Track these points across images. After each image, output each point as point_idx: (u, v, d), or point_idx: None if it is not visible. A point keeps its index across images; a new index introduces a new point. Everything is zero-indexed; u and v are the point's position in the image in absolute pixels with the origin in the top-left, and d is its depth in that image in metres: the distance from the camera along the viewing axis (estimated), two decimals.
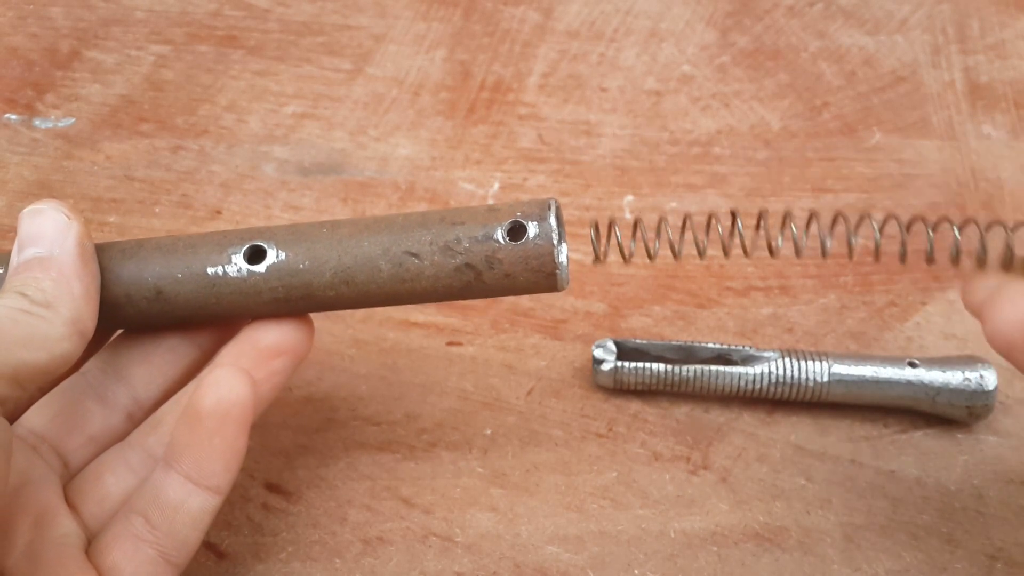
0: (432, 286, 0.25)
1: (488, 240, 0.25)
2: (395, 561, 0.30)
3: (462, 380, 0.34)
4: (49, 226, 0.25)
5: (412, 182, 0.40)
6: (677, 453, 0.32)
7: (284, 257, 0.25)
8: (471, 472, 0.32)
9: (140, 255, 0.26)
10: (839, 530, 0.30)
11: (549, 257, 0.24)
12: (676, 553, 0.30)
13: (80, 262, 0.25)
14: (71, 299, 0.24)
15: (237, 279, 0.25)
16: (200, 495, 0.26)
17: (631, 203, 0.39)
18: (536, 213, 0.25)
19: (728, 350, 0.33)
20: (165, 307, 0.26)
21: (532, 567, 0.30)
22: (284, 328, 0.27)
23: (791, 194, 0.40)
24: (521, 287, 0.25)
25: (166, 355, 0.28)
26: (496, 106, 0.43)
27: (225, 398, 0.25)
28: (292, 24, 0.47)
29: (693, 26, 0.46)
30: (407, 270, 0.25)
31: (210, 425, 0.25)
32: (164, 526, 0.25)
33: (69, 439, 0.27)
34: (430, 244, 0.25)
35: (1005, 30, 0.46)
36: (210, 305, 0.26)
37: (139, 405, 0.28)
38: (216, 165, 0.41)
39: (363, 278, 0.25)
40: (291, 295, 0.26)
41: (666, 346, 0.33)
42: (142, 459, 0.27)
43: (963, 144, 0.41)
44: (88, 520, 0.26)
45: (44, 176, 0.41)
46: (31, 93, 0.44)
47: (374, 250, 0.25)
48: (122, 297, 0.26)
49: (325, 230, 0.26)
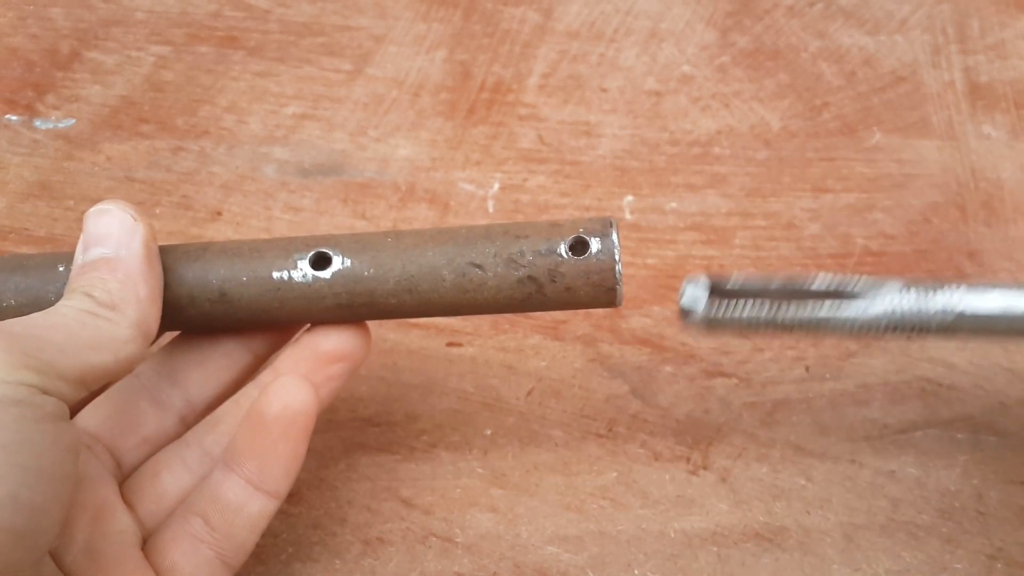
0: (493, 297, 0.26)
1: (551, 254, 0.25)
2: (395, 562, 0.30)
3: (462, 381, 0.34)
4: (116, 226, 0.25)
5: (412, 183, 0.40)
6: (677, 453, 0.32)
7: (349, 264, 0.26)
8: (471, 473, 0.32)
9: (205, 258, 0.26)
10: (839, 530, 0.30)
11: (610, 272, 0.25)
12: (676, 553, 0.30)
13: (146, 264, 0.25)
14: (137, 301, 0.24)
15: (302, 284, 0.26)
16: (260, 499, 0.26)
17: (631, 203, 0.39)
18: (598, 229, 0.25)
19: (843, 282, 0.28)
20: (228, 309, 0.26)
21: (532, 567, 0.30)
22: (344, 334, 0.27)
23: (791, 194, 0.40)
24: (580, 301, 0.26)
25: (221, 360, 0.28)
26: (496, 107, 0.43)
27: (291, 405, 0.25)
28: (292, 25, 0.47)
29: (693, 26, 0.46)
30: (470, 281, 0.25)
31: (275, 431, 0.25)
32: (223, 528, 0.25)
33: (123, 439, 0.27)
34: (494, 256, 0.25)
35: (1005, 30, 0.46)
36: (272, 309, 0.26)
37: (192, 408, 0.28)
38: (216, 166, 0.41)
39: (426, 287, 0.26)
40: (354, 302, 0.26)
41: (767, 286, 0.28)
42: (199, 458, 0.27)
43: (963, 144, 0.41)
44: (144, 518, 0.26)
45: (44, 177, 0.41)
46: (31, 94, 0.44)
47: (438, 260, 0.26)
48: (185, 298, 0.26)
49: (389, 239, 0.26)
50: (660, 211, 0.39)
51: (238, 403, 0.28)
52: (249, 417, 0.26)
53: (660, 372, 0.34)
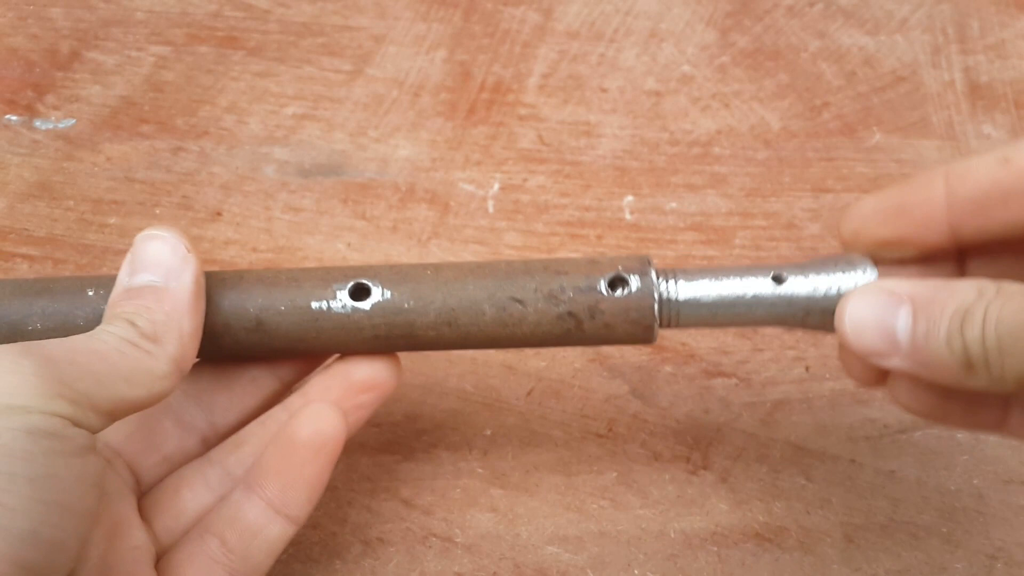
0: (532, 332, 0.26)
1: (591, 291, 0.25)
2: (395, 562, 0.30)
3: (462, 381, 0.34)
4: (168, 254, 0.24)
5: (412, 183, 0.40)
6: (677, 453, 0.32)
7: (389, 296, 0.26)
8: (471, 473, 0.32)
9: (242, 286, 0.26)
10: (839, 530, 0.30)
11: (649, 311, 0.25)
12: (676, 553, 0.30)
13: (194, 299, 0.24)
14: (179, 336, 0.24)
15: (341, 315, 0.26)
16: (280, 523, 0.26)
17: (631, 203, 0.39)
18: (637, 267, 0.26)
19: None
20: (263, 338, 0.26)
21: (532, 567, 0.30)
22: (376, 364, 0.27)
23: (791, 194, 0.40)
24: (617, 338, 0.26)
25: (248, 385, 0.28)
26: (496, 107, 0.43)
27: (322, 430, 0.25)
28: (292, 25, 0.47)
29: (693, 26, 0.46)
30: (510, 315, 0.26)
31: (303, 455, 0.25)
32: (240, 550, 0.25)
33: (144, 457, 0.27)
34: (535, 291, 0.25)
35: (1005, 30, 0.46)
36: (309, 339, 0.26)
37: (215, 430, 0.28)
38: (216, 167, 0.41)
39: (466, 320, 0.26)
40: (392, 333, 0.26)
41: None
42: (221, 478, 0.27)
43: (963, 144, 0.41)
44: (161, 534, 0.26)
45: (45, 177, 0.41)
46: (31, 94, 0.44)
47: (479, 294, 0.26)
48: (220, 326, 0.26)
49: (428, 272, 0.26)
50: (660, 211, 0.39)
51: (264, 425, 0.27)
52: (278, 440, 0.26)
53: (660, 372, 0.34)
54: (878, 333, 0.22)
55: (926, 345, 0.21)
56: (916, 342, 0.21)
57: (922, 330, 0.21)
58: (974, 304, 0.21)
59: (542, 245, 0.38)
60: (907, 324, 0.22)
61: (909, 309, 0.22)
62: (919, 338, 0.21)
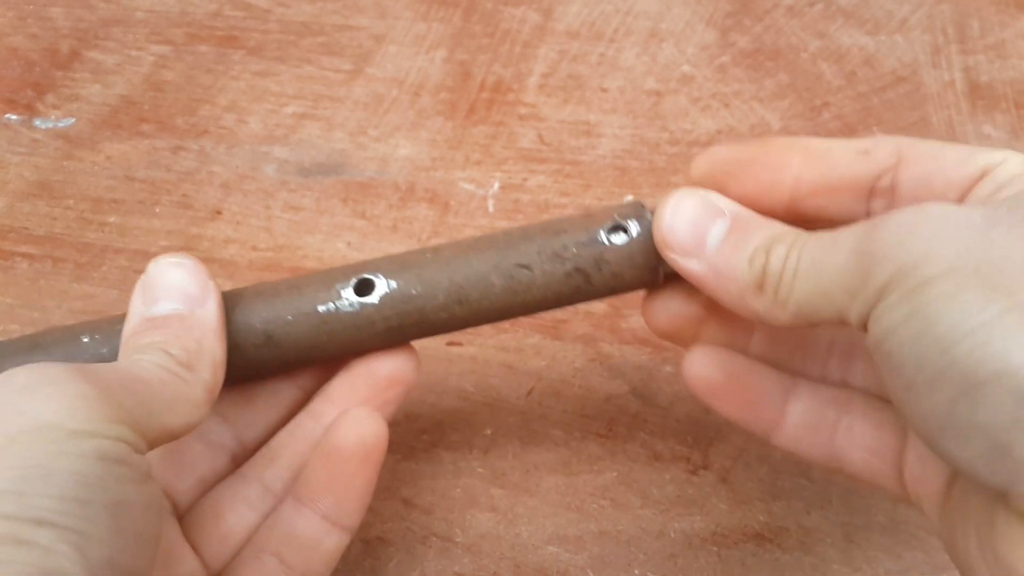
0: (543, 295, 0.26)
1: (594, 243, 0.25)
2: (395, 561, 0.30)
3: (462, 380, 0.34)
4: (190, 282, 0.24)
5: (412, 182, 0.40)
6: (677, 453, 0.32)
7: (395, 285, 0.25)
8: (471, 472, 0.32)
9: (242, 304, 0.25)
10: (839, 530, 0.30)
11: (653, 252, 0.25)
12: (676, 553, 0.30)
13: (220, 327, 0.24)
14: (212, 364, 0.23)
15: (350, 313, 0.25)
16: (335, 534, 0.25)
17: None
18: (633, 213, 0.25)
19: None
20: (274, 352, 0.26)
21: (532, 567, 0.30)
22: (397, 358, 0.27)
23: None
24: (627, 285, 0.26)
25: (269, 398, 0.28)
26: (496, 106, 0.43)
27: (367, 437, 0.25)
28: (292, 24, 0.47)
29: (693, 26, 0.46)
30: (519, 282, 0.25)
31: (352, 464, 0.25)
32: (300, 566, 0.25)
33: (179, 481, 0.26)
34: (538, 254, 0.25)
35: (1005, 30, 0.46)
36: (321, 344, 0.26)
37: (243, 446, 0.27)
38: (216, 165, 0.41)
39: (476, 295, 0.25)
40: (404, 322, 0.25)
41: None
42: (260, 494, 0.26)
43: (963, 144, 0.41)
44: (210, 559, 0.25)
45: (44, 176, 0.41)
46: (31, 93, 0.44)
47: (484, 267, 0.25)
48: (228, 347, 0.25)
49: (428, 255, 0.26)
50: None
51: (294, 435, 0.27)
52: (322, 451, 0.25)
53: (660, 372, 0.34)
54: (690, 230, 0.23)
55: (729, 254, 0.22)
56: (721, 249, 0.23)
57: (731, 241, 0.23)
58: (786, 234, 0.22)
59: None
60: (720, 232, 0.23)
61: (727, 221, 0.23)
62: (725, 246, 0.23)
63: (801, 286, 0.21)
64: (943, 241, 0.18)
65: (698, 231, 0.23)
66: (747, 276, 0.22)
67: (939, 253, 0.18)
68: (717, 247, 0.23)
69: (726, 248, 0.23)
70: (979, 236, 0.18)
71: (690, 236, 0.23)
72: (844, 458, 0.25)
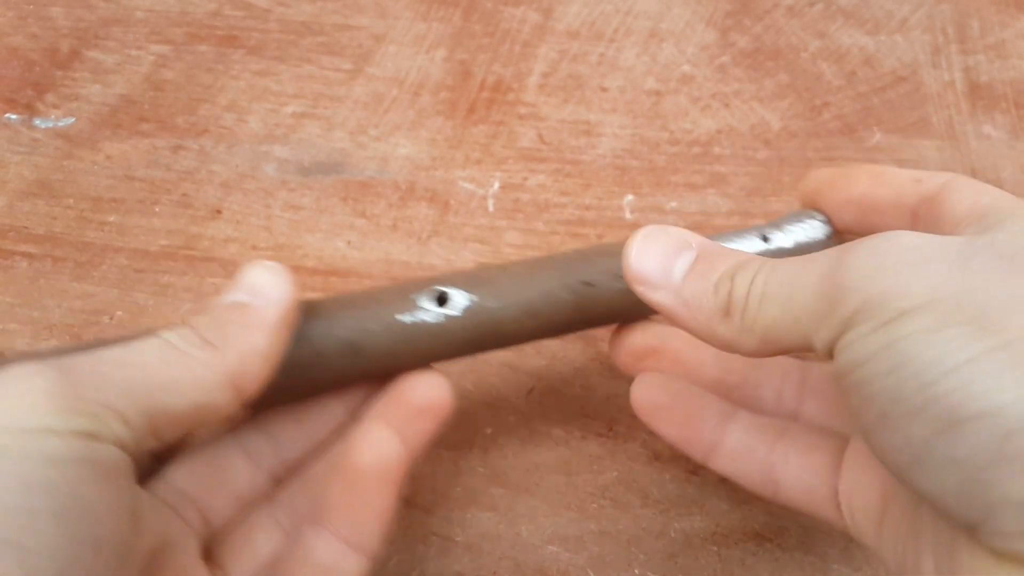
0: (607, 311, 0.27)
1: None
2: (395, 560, 0.30)
3: (462, 379, 0.34)
4: (266, 281, 0.23)
5: (412, 182, 0.40)
6: (677, 453, 0.32)
7: (474, 297, 0.26)
8: (471, 471, 0.32)
9: (324, 314, 0.25)
10: (839, 530, 0.30)
11: None
12: (676, 552, 0.30)
13: (277, 320, 0.23)
14: (243, 351, 0.22)
15: (431, 324, 0.26)
16: (354, 558, 0.24)
17: (631, 203, 0.39)
18: None
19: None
20: (357, 361, 0.25)
21: (532, 567, 0.30)
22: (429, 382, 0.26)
23: (791, 194, 0.40)
24: None
25: (321, 415, 0.27)
26: (496, 106, 0.43)
27: (383, 454, 0.24)
28: (292, 24, 0.47)
29: (693, 26, 0.46)
30: (584, 298, 0.27)
31: (370, 484, 0.24)
32: None
33: (213, 496, 0.25)
34: (601, 273, 0.27)
35: (1005, 30, 0.46)
36: (401, 353, 0.26)
37: (284, 464, 0.27)
38: (216, 165, 0.41)
39: (547, 310, 0.27)
40: (481, 333, 0.26)
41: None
42: (291, 518, 0.26)
43: (963, 144, 0.41)
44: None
45: (44, 176, 0.41)
46: (31, 93, 0.44)
47: (552, 284, 0.27)
48: (311, 356, 0.25)
49: (497, 271, 0.27)
50: (660, 210, 0.39)
51: (329, 461, 0.26)
52: (340, 471, 0.24)
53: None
54: (658, 264, 0.24)
55: (695, 284, 0.23)
56: (687, 279, 0.23)
57: (697, 270, 0.23)
58: (751, 261, 0.22)
59: (542, 244, 0.38)
60: (686, 263, 0.23)
61: (693, 254, 0.24)
62: (691, 276, 0.23)
63: (768, 310, 0.21)
64: (916, 273, 0.18)
65: (665, 263, 0.24)
66: (713, 303, 0.22)
67: (913, 286, 0.18)
68: (683, 277, 0.23)
69: (692, 278, 0.23)
70: (957, 269, 0.18)
71: (657, 268, 0.24)
72: (780, 482, 0.26)
